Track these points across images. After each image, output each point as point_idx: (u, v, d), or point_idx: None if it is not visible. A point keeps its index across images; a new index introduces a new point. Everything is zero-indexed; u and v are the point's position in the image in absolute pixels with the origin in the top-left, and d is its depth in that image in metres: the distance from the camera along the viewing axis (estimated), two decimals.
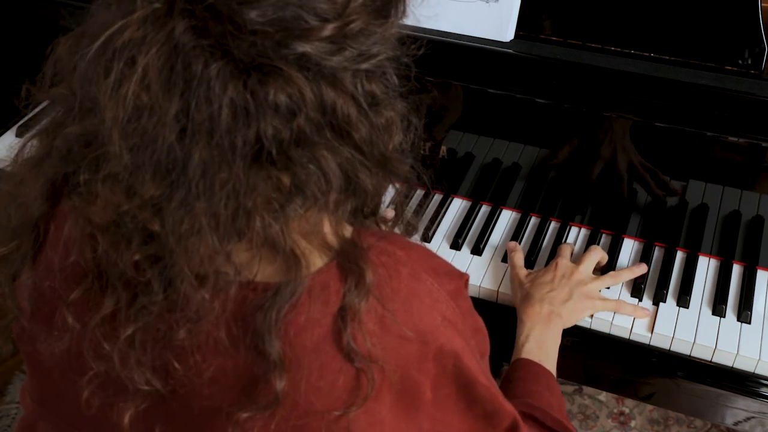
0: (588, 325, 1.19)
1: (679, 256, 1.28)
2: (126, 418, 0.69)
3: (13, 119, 1.53)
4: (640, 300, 1.22)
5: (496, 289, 1.25)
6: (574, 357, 1.19)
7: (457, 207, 1.40)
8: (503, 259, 1.29)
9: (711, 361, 1.16)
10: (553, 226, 1.35)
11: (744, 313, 1.18)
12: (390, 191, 0.75)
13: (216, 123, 0.58)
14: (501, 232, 1.35)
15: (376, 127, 0.65)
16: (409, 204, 1.40)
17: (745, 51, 1.19)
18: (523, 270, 1.22)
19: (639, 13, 1.24)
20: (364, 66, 0.63)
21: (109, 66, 0.59)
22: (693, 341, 1.16)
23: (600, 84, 1.22)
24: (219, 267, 0.64)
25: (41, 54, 0.69)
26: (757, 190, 1.22)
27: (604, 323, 1.19)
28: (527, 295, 1.16)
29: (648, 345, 1.18)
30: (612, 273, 1.22)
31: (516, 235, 1.32)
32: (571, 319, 1.15)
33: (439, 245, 1.33)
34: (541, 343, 1.09)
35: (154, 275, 0.64)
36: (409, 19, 0.70)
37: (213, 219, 0.60)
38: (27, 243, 0.74)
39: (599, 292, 1.19)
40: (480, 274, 1.27)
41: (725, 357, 1.15)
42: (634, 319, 1.18)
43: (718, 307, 1.20)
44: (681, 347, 1.16)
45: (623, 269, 1.24)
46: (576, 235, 1.34)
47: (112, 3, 0.61)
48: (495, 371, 2.20)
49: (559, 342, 1.12)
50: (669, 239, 1.29)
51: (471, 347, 0.76)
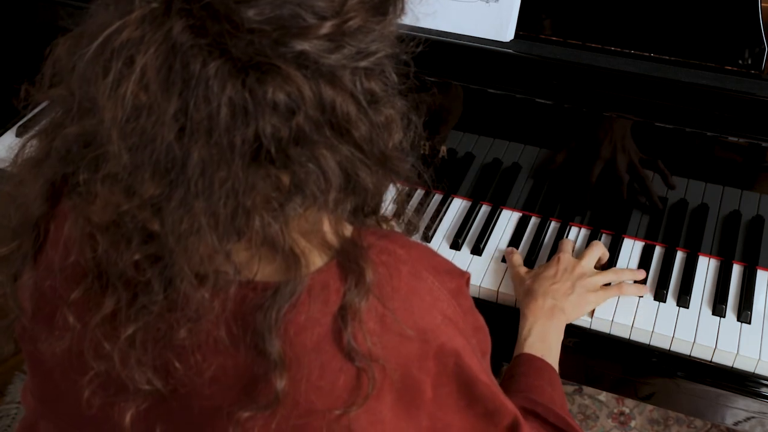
0: (588, 325, 1.19)
1: (679, 256, 1.28)
2: (127, 417, 0.69)
3: (13, 120, 1.53)
4: (640, 299, 1.21)
5: (496, 289, 1.25)
6: (574, 357, 1.19)
7: (457, 207, 1.40)
8: (503, 259, 1.29)
9: (711, 361, 1.16)
10: (553, 226, 1.35)
11: (744, 313, 1.18)
12: (391, 190, 0.75)
13: (215, 122, 0.58)
14: (501, 232, 1.35)
15: (375, 125, 0.65)
16: (410, 203, 1.40)
17: (745, 51, 1.19)
18: (523, 267, 1.23)
19: (639, 13, 1.24)
20: (362, 64, 0.63)
21: (108, 66, 0.59)
22: (693, 341, 1.16)
23: (600, 84, 1.22)
24: (219, 266, 0.64)
25: (41, 54, 0.69)
26: (757, 190, 1.22)
27: (604, 323, 1.19)
28: (529, 290, 1.16)
29: (648, 345, 1.18)
30: (614, 269, 1.23)
31: (516, 235, 1.32)
32: (575, 313, 1.15)
33: (439, 245, 1.33)
34: (544, 337, 1.09)
35: (154, 275, 0.64)
36: (408, 18, 0.70)
37: (212, 218, 0.60)
38: (27, 243, 0.75)
39: (600, 283, 1.19)
40: (480, 274, 1.27)
41: (725, 357, 1.15)
42: (634, 319, 1.18)
43: (718, 307, 1.20)
44: (681, 347, 1.17)
45: (625, 269, 1.24)
46: (576, 235, 1.34)
47: (110, 3, 0.61)
48: (495, 371, 2.19)
49: (562, 336, 1.11)
50: (669, 239, 1.29)
51: (472, 346, 0.76)
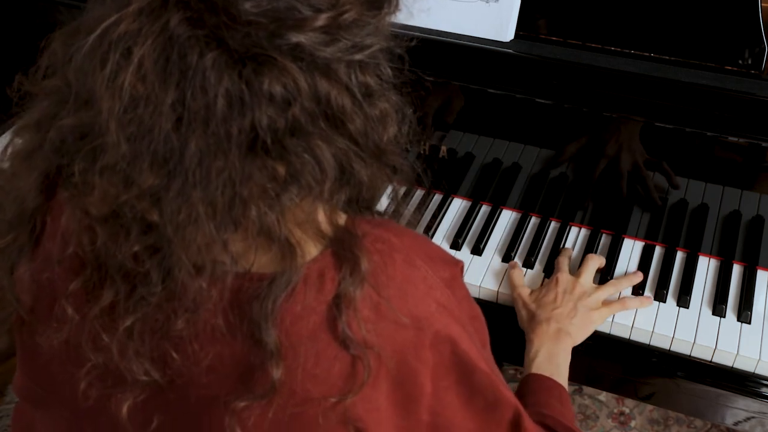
0: (570, 359, 1.18)
1: (679, 256, 1.28)
2: (124, 409, 0.69)
3: (13, 120, 1.53)
4: None
5: (496, 290, 1.25)
6: (574, 357, 1.18)
7: (457, 207, 1.40)
8: (503, 259, 1.29)
9: (711, 361, 1.16)
10: (553, 226, 1.35)
11: (744, 313, 1.19)
12: (389, 190, 0.75)
13: (211, 112, 0.58)
14: (501, 232, 1.35)
15: (370, 119, 0.66)
16: (410, 203, 1.40)
17: (745, 51, 1.19)
18: (525, 289, 1.21)
19: (639, 13, 1.24)
20: (357, 57, 0.63)
21: (105, 58, 0.59)
22: (693, 341, 1.16)
23: (600, 84, 1.22)
24: (216, 256, 0.65)
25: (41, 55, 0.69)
26: (757, 190, 1.22)
27: (604, 323, 1.18)
28: (533, 316, 1.15)
29: (648, 345, 1.18)
30: (612, 282, 1.22)
31: (516, 235, 1.32)
32: (581, 334, 1.14)
33: (439, 245, 1.33)
34: (551, 359, 1.08)
35: (152, 266, 0.64)
36: (403, 13, 0.70)
37: (209, 207, 0.61)
38: (24, 235, 0.75)
39: (602, 301, 1.19)
40: (480, 274, 1.27)
41: (725, 357, 1.15)
42: (634, 319, 1.18)
43: (718, 307, 1.20)
44: (681, 347, 1.17)
45: (622, 278, 1.23)
46: (576, 235, 1.34)
47: None
48: None
49: (570, 358, 1.10)
50: (669, 239, 1.29)
51: (469, 333, 0.76)
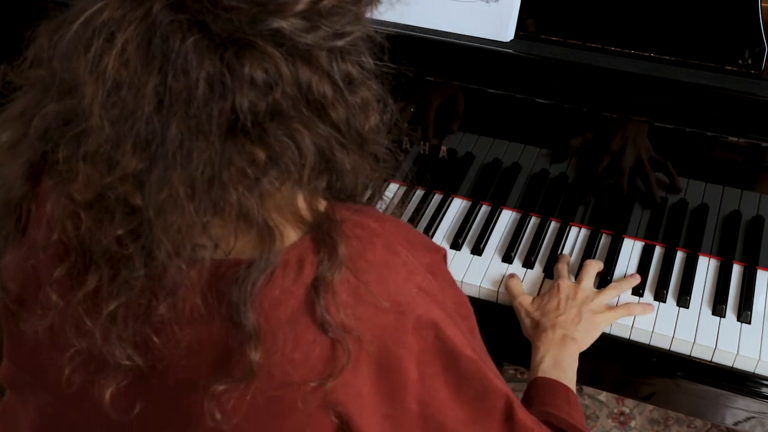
0: (577, 365, 1.18)
1: (679, 256, 1.28)
2: (107, 394, 0.70)
3: None
4: (640, 299, 1.22)
5: (496, 290, 1.25)
6: None
7: (457, 207, 1.40)
8: (503, 259, 1.29)
9: (711, 361, 1.16)
10: (553, 226, 1.35)
11: (744, 313, 1.19)
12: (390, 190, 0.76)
13: (193, 95, 0.59)
14: (501, 232, 1.35)
15: (352, 106, 0.67)
16: (409, 203, 1.40)
17: (745, 51, 1.19)
18: (526, 297, 1.20)
19: (639, 13, 1.24)
20: (338, 43, 0.64)
21: (89, 43, 0.60)
22: (693, 341, 1.16)
23: (600, 84, 1.22)
24: (196, 240, 0.65)
25: None
26: (757, 190, 1.22)
27: None
28: (537, 324, 1.14)
29: (648, 345, 1.18)
30: (612, 285, 1.21)
31: (516, 235, 1.32)
32: (587, 340, 1.14)
33: (439, 245, 1.33)
34: (557, 364, 1.08)
35: (135, 249, 0.65)
36: (384, 6, 0.72)
37: (190, 188, 0.61)
38: (10, 224, 0.75)
39: (605, 305, 1.19)
40: (480, 274, 1.27)
41: (725, 357, 1.15)
42: (634, 319, 1.18)
43: (718, 307, 1.20)
44: (681, 347, 1.17)
45: (622, 280, 1.23)
46: (576, 235, 1.34)
47: None
48: None
49: (576, 365, 1.10)
50: (669, 239, 1.29)
51: (453, 320, 0.75)
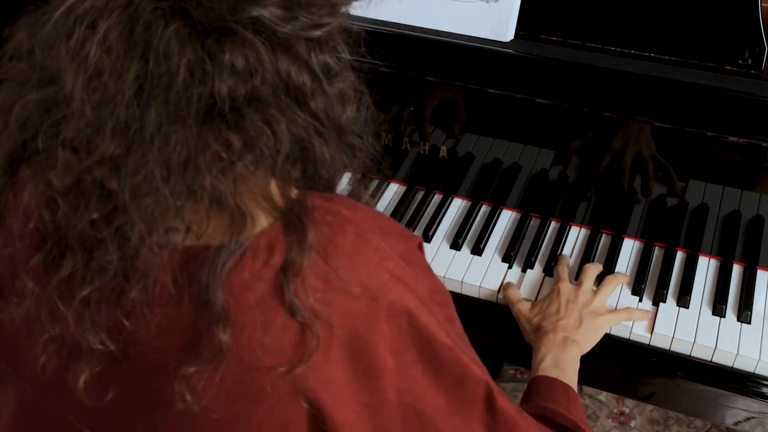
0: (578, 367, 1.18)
1: (679, 256, 1.28)
2: (81, 381, 0.70)
3: None
4: (640, 299, 1.22)
5: (496, 290, 1.25)
6: None
7: (457, 207, 1.40)
8: (503, 259, 1.29)
9: (711, 361, 1.16)
10: (553, 226, 1.35)
11: (744, 313, 1.19)
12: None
13: (173, 80, 0.60)
14: (501, 232, 1.35)
15: (329, 97, 0.68)
16: (409, 204, 1.40)
17: (745, 51, 1.19)
18: (524, 303, 1.19)
19: (639, 13, 1.24)
20: (316, 34, 0.65)
21: (71, 31, 0.61)
22: (693, 341, 1.16)
23: (600, 84, 1.22)
24: (170, 223, 0.66)
25: None
26: (757, 190, 1.22)
27: None
28: (538, 328, 1.14)
29: (648, 345, 1.18)
30: (604, 283, 1.20)
31: (516, 235, 1.32)
32: (588, 343, 1.13)
33: (439, 245, 1.33)
34: (558, 363, 1.07)
35: (109, 233, 0.65)
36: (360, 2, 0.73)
37: (165, 170, 0.62)
38: None
39: (605, 305, 1.19)
40: (480, 274, 1.27)
41: (725, 357, 1.15)
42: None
43: (718, 307, 1.20)
44: (681, 347, 1.17)
45: (612, 277, 1.22)
46: (576, 235, 1.34)
47: None
48: (495, 372, 2.19)
49: (578, 366, 1.09)
50: (669, 239, 1.29)
51: (428, 306, 0.75)
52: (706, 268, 1.27)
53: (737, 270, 1.26)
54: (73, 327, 0.68)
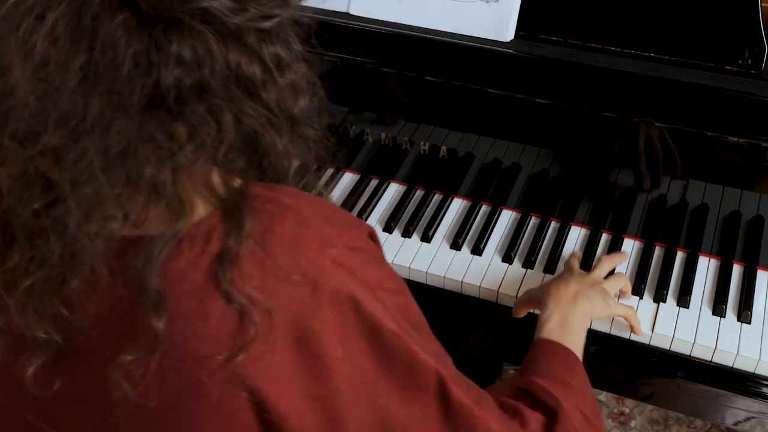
0: (588, 325, 1.19)
1: (679, 256, 1.28)
2: (29, 372, 0.70)
3: None
4: (640, 299, 1.22)
5: (496, 290, 1.25)
6: None
7: (457, 207, 1.40)
8: (503, 259, 1.29)
9: (711, 361, 1.16)
10: (553, 226, 1.35)
11: (744, 313, 1.19)
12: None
13: (119, 71, 0.60)
14: (501, 232, 1.35)
15: (281, 88, 0.68)
16: (409, 204, 1.40)
17: (745, 51, 1.19)
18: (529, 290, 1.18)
19: (639, 13, 1.24)
20: (266, 25, 0.65)
21: (20, 22, 0.61)
22: (693, 341, 1.16)
23: (600, 84, 1.22)
24: (108, 212, 0.66)
25: None
26: (757, 190, 1.22)
27: (604, 323, 1.19)
28: (548, 284, 1.12)
29: (648, 345, 1.18)
30: (616, 275, 1.21)
31: (516, 235, 1.33)
32: (599, 306, 1.10)
33: (439, 245, 1.33)
34: (564, 323, 1.05)
35: (51, 223, 0.65)
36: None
37: (104, 159, 0.62)
38: None
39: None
40: (480, 274, 1.27)
41: (725, 357, 1.15)
42: None
43: (718, 307, 1.20)
44: (681, 347, 1.17)
45: (608, 256, 1.23)
46: (576, 235, 1.34)
47: None
48: (495, 372, 2.18)
49: (587, 326, 1.07)
50: (669, 239, 1.29)
51: (374, 293, 0.74)
52: (706, 268, 1.27)
53: (737, 270, 1.26)
54: (17, 317, 0.68)
